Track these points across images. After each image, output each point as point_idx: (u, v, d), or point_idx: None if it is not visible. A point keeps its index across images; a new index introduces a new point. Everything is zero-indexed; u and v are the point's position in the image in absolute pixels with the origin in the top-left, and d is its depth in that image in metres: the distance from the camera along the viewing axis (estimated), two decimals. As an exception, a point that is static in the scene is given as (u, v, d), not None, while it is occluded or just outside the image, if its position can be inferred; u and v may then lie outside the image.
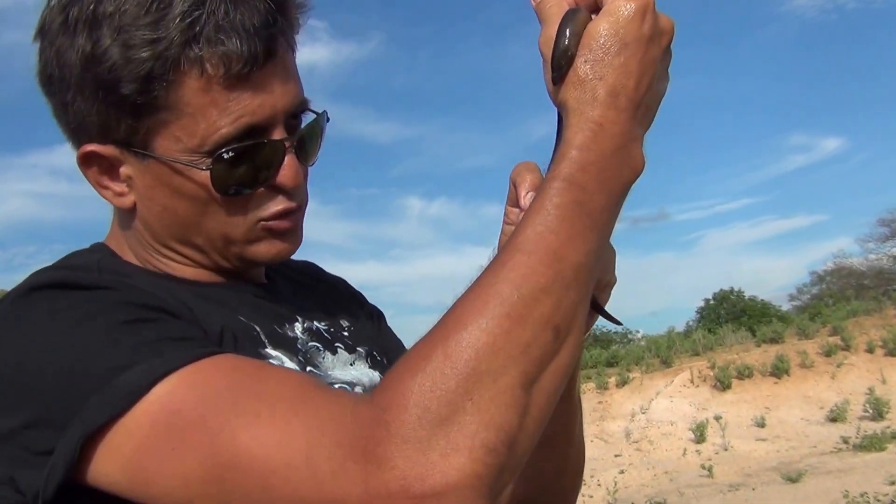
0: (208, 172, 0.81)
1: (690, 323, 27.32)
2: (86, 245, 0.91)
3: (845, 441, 13.27)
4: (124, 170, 0.84)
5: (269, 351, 0.84)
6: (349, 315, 1.02)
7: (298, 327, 0.91)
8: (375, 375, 0.93)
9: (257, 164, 0.83)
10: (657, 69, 0.69)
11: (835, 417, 14.64)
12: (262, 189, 0.84)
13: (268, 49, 0.80)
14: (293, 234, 0.90)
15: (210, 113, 0.80)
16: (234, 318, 0.85)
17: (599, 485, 12.28)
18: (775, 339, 18.18)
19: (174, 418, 0.64)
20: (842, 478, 11.04)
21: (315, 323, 0.94)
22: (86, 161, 0.84)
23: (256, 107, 0.81)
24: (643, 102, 0.68)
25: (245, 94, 0.80)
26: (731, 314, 25.35)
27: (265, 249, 0.88)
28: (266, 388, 0.65)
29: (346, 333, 0.98)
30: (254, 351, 0.82)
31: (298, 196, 0.87)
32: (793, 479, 11.38)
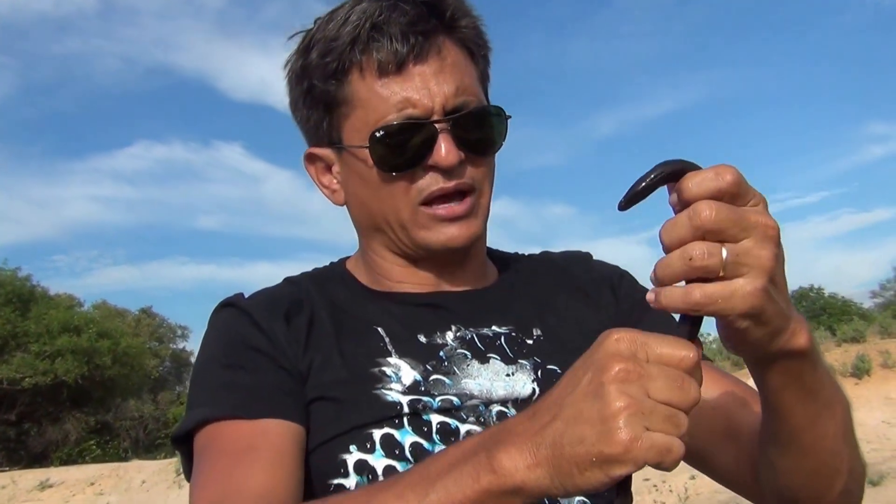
0: (368, 150, 0.95)
1: (767, 322, 26.55)
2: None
3: (930, 444, 12.71)
4: (335, 168, 1.02)
5: (390, 360, 0.95)
6: (555, 322, 1.03)
7: (450, 335, 0.98)
8: (531, 389, 0.95)
9: (411, 144, 0.93)
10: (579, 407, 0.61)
11: (919, 419, 14.03)
12: (420, 170, 0.94)
13: (415, 47, 0.93)
14: (463, 222, 0.97)
15: (374, 104, 0.94)
16: (368, 330, 0.98)
17: (671, 491, 12.13)
18: (856, 338, 17.48)
19: (195, 453, 0.91)
20: (926, 482, 10.61)
21: (472, 331, 0.99)
22: (309, 160, 1.05)
23: (415, 98, 0.93)
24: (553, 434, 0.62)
25: (400, 86, 0.93)
26: (810, 312, 24.54)
27: (434, 236, 0.97)
28: (216, 457, 0.88)
29: (512, 344, 0.99)
30: (371, 360, 0.95)
31: (456, 177, 0.95)
32: (874, 483, 10.98)
